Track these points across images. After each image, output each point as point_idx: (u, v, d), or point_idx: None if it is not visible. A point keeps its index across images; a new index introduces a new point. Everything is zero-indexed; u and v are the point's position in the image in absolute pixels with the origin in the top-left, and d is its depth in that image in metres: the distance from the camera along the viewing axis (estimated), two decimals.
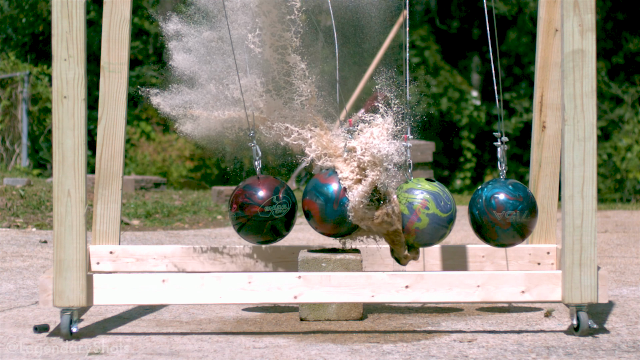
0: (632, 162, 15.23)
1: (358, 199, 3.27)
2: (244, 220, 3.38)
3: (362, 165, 3.32)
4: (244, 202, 3.37)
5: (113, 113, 3.61)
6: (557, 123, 3.70)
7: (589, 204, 3.04)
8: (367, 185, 3.26)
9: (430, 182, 3.39)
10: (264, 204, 3.36)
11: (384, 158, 3.28)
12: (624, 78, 17.01)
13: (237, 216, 3.38)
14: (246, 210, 3.37)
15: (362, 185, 3.28)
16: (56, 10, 3.00)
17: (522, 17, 17.54)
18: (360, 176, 3.32)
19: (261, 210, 3.36)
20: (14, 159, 12.78)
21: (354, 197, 3.28)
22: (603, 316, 3.44)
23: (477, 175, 17.48)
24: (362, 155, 3.33)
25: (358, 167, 3.34)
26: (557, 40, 3.67)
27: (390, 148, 3.30)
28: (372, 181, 3.27)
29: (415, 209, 3.31)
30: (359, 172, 3.33)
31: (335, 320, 3.36)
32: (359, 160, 3.34)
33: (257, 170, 3.45)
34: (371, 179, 3.27)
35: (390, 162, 3.30)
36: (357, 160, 3.34)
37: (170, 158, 15.65)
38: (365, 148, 3.33)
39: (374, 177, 3.27)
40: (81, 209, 3.01)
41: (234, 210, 3.39)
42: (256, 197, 3.37)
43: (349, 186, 3.32)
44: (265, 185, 3.38)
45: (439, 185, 3.38)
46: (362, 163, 3.32)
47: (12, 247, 5.53)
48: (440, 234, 3.33)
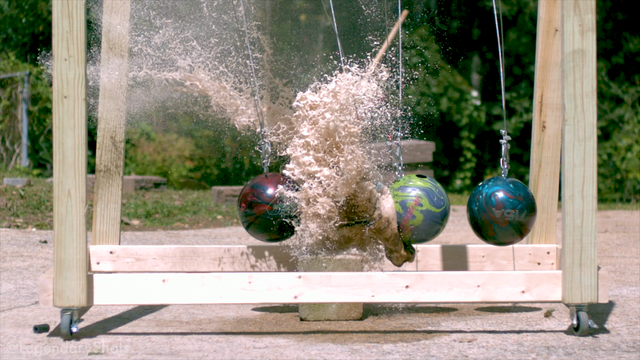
0: (632, 162, 15.23)
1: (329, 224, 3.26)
2: (252, 218, 3.39)
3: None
4: (252, 200, 3.39)
5: (113, 113, 3.61)
6: (557, 123, 3.70)
7: (589, 203, 3.04)
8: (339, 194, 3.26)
9: (421, 178, 3.40)
10: (272, 202, 3.38)
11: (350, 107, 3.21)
12: (624, 78, 17.00)
13: (246, 214, 3.40)
14: (255, 209, 3.38)
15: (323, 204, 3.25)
16: (56, 10, 3.00)
17: (522, 17, 17.54)
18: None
19: (270, 209, 3.37)
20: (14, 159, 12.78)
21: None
22: (603, 316, 3.44)
23: (477, 175, 17.48)
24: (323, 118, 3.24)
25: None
26: (557, 40, 3.67)
27: (363, 89, 3.25)
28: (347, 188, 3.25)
29: (409, 206, 3.33)
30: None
31: (335, 320, 3.36)
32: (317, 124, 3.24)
33: (265, 168, 3.46)
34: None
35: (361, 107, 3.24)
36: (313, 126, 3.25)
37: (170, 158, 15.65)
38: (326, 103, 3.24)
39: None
40: (81, 208, 3.01)
41: (243, 209, 3.41)
42: (264, 195, 3.38)
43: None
44: (274, 184, 3.39)
45: (430, 181, 3.39)
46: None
47: (12, 247, 5.53)
48: (434, 229, 3.36)
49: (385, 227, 3.32)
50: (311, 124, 3.34)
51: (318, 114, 3.33)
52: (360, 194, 3.30)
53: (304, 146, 3.35)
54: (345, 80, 3.30)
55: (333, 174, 3.27)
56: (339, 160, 3.28)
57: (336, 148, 3.31)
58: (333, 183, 3.27)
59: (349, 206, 3.33)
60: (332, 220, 3.29)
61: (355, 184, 3.28)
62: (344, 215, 3.36)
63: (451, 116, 17.21)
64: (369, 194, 3.31)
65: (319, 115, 3.32)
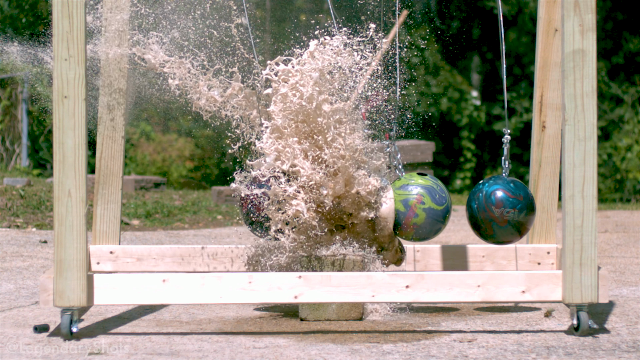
0: (632, 162, 15.22)
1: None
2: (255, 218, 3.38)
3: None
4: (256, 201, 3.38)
5: (113, 113, 3.61)
6: (557, 123, 3.70)
7: (590, 203, 3.04)
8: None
9: (422, 176, 3.40)
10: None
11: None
12: (624, 78, 16.99)
13: (249, 213, 3.39)
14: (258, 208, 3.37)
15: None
16: (56, 10, 3.00)
17: (522, 17, 17.54)
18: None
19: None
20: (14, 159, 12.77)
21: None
22: (603, 316, 3.44)
23: (477, 175, 17.47)
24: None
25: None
26: (557, 40, 3.67)
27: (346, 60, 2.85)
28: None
29: (411, 205, 3.33)
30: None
31: (335, 320, 3.36)
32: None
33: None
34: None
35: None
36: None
37: (170, 158, 15.64)
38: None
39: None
40: (82, 208, 3.01)
41: (245, 210, 3.39)
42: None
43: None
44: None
45: (431, 179, 3.39)
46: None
47: (12, 247, 5.53)
48: (436, 228, 3.37)
49: (382, 227, 3.31)
50: (284, 102, 2.90)
51: (292, 86, 2.86)
52: (354, 189, 3.09)
53: (274, 131, 3.04)
54: (329, 45, 2.89)
55: (310, 172, 2.93)
56: (322, 146, 2.89)
57: (318, 133, 2.95)
58: (316, 178, 2.96)
59: (336, 206, 3.21)
60: (313, 230, 3.07)
61: (345, 180, 2.99)
62: (329, 217, 3.26)
63: (451, 116, 17.21)
64: (367, 189, 3.13)
65: (293, 87, 2.85)
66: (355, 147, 3.04)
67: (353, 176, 3.13)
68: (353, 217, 3.22)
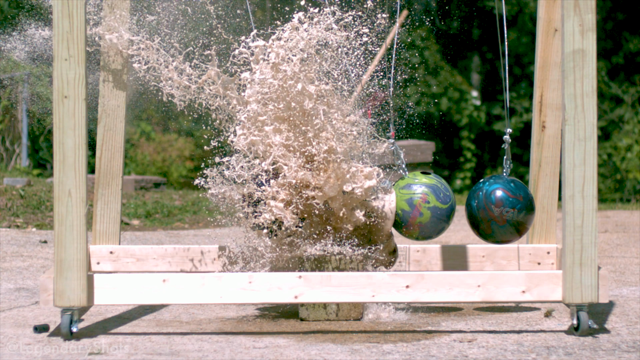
0: (632, 162, 15.22)
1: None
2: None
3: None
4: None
5: (113, 113, 3.61)
6: (557, 123, 3.70)
7: (590, 203, 3.04)
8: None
9: (426, 175, 3.40)
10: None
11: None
12: (624, 78, 16.99)
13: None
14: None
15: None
16: (56, 10, 3.00)
17: (522, 17, 17.54)
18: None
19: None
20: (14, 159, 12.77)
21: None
22: (603, 316, 3.44)
23: (477, 175, 17.47)
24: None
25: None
26: (557, 40, 3.67)
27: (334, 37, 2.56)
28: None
29: (416, 204, 3.33)
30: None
31: (335, 320, 3.36)
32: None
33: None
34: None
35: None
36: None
37: (170, 158, 15.64)
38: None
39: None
40: (82, 208, 3.01)
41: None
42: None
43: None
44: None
45: (435, 178, 3.39)
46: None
47: (12, 247, 5.53)
48: (440, 226, 3.39)
49: (381, 228, 3.31)
50: (261, 85, 2.59)
51: (273, 66, 2.46)
52: (349, 186, 2.94)
53: (250, 120, 2.77)
54: (317, 17, 2.59)
55: (295, 169, 2.73)
56: (308, 137, 2.58)
57: (304, 122, 2.70)
58: (305, 177, 2.76)
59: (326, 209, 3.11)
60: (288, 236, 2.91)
61: (336, 176, 2.79)
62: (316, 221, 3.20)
63: (451, 116, 17.21)
64: (363, 187, 3.04)
65: (274, 66, 2.45)
66: (349, 134, 2.75)
67: (346, 172, 2.94)
68: (344, 220, 3.10)
